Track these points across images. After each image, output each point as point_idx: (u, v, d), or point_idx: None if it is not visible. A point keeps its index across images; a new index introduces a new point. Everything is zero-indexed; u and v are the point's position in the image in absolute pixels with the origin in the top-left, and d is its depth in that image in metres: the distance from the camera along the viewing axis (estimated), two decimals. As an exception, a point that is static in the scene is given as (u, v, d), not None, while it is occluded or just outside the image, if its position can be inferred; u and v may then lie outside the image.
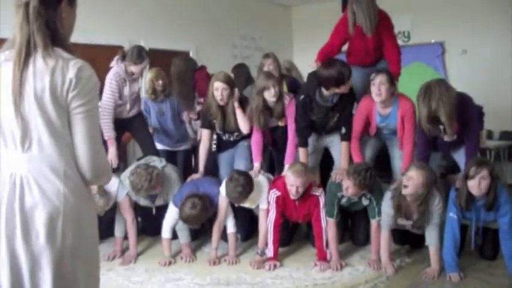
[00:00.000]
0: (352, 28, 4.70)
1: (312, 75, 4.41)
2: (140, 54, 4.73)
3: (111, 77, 4.71)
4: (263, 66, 5.16)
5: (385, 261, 3.98)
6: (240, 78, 5.54)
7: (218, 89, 4.41)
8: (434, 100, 3.71)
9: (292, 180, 4.01)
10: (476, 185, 3.59)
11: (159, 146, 5.32)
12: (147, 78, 5.28)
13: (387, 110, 4.24)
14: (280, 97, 4.41)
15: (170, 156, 5.26)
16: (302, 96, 4.39)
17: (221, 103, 4.48)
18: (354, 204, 4.24)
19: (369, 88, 4.26)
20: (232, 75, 5.42)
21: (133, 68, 4.74)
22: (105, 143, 4.64)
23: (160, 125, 5.35)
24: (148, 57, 4.79)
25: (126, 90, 4.78)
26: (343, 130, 4.41)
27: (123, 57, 4.75)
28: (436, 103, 3.71)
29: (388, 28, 4.77)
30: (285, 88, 4.97)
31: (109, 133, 4.69)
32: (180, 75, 5.52)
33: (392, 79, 4.18)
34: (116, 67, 4.74)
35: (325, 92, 4.26)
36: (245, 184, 4.11)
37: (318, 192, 4.22)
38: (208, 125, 4.70)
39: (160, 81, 5.18)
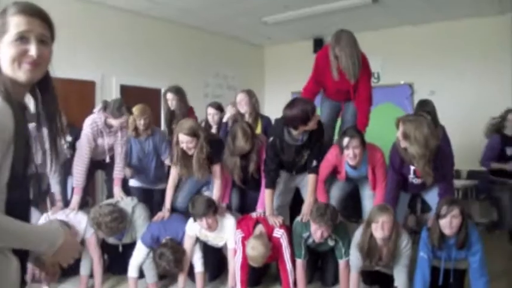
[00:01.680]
0: (336, 73, 4.66)
1: (281, 118, 4.40)
2: (120, 109, 4.65)
3: (88, 124, 4.66)
4: (235, 105, 5.19)
5: (354, 303, 3.95)
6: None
7: (183, 143, 4.27)
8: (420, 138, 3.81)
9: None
10: (448, 223, 3.61)
11: (135, 184, 5.21)
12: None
13: (359, 165, 4.27)
14: (253, 146, 4.38)
15: (147, 194, 5.16)
16: (271, 139, 4.39)
17: (189, 153, 4.36)
18: (320, 245, 4.22)
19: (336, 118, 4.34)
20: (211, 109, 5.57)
21: (112, 121, 4.68)
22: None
23: (140, 164, 5.12)
24: (128, 113, 4.73)
25: (101, 141, 4.73)
26: (314, 163, 4.40)
27: (105, 108, 4.68)
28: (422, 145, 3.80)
29: (365, 75, 4.77)
30: (259, 129, 4.98)
31: (79, 182, 4.63)
32: (181, 107, 5.53)
33: (363, 140, 4.21)
34: (96, 115, 4.69)
35: (293, 131, 4.26)
36: (209, 200, 4.17)
37: (279, 234, 4.20)
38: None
39: (142, 121, 4.90)
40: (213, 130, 5.58)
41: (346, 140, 4.10)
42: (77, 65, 6.98)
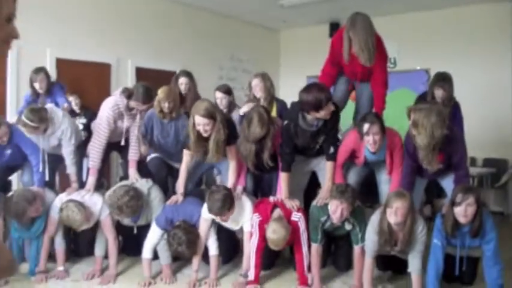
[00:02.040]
0: (347, 56, 4.63)
1: (297, 102, 4.38)
2: (149, 95, 4.66)
3: (109, 107, 4.64)
4: (251, 88, 5.16)
5: None
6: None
7: (200, 125, 4.19)
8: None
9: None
10: (463, 211, 3.59)
11: (156, 154, 5.16)
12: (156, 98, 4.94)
13: (378, 151, 4.25)
14: (269, 132, 4.32)
15: (166, 166, 5.14)
16: (286, 122, 4.37)
17: (205, 135, 4.27)
18: (337, 229, 4.22)
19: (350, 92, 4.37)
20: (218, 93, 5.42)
21: (139, 107, 4.69)
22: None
23: (159, 144, 5.06)
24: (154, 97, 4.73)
25: (120, 124, 4.73)
26: (331, 150, 4.38)
27: (129, 96, 4.66)
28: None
29: (381, 59, 4.72)
30: (274, 112, 4.95)
31: (95, 162, 4.64)
32: (193, 91, 5.54)
33: (383, 125, 4.17)
34: (118, 98, 4.68)
35: (308, 116, 4.24)
36: (225, 197, 4.06)
37: (297, 217, 4.19)
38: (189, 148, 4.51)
39: (166, 104, 4.74)
40: None
41: (366, 127, 4.07)
42: (93, 47, 7.00)
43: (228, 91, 5.39)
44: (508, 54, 7.67)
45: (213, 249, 4.34)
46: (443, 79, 5.07)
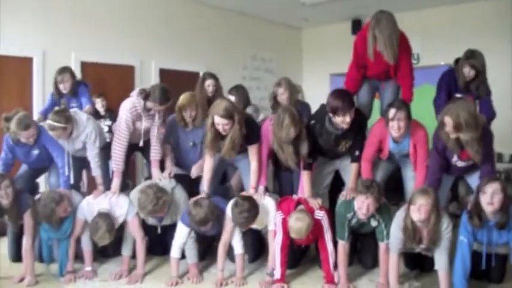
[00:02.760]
0: (372, 52, 4.61)
1: (324, 104, 4.38)
2: (166, 95, 4.64)
3: (127, 108, 4.65)
4: (276, 96, 5.16)
5: (394, 285, 3.92)
6: (239, 100, 5.43)
7: (219, 125, 4.24)
8: (464, 116, 3.72)
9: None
10: (489, 199, 3.55)
11: (176, 171, 5.07)
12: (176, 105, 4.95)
13: (402, 137, 4.24)
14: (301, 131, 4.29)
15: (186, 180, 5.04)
16: (312, 122, 4.42)
17: (224, 134, 4.33)
18: (362, 226, 4.20)
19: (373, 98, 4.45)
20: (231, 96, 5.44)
21: (156, 107, 4.69)
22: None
23: (180, 152, 5.09)
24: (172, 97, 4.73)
25: (139, 124, 4.75)
26: (357, 153, 4.43)
27: (146, 97, 4.66)
28: (465, 119, 3.72)
29: (405, 52, 4.72)
30: None
31: (118, 166, 4.68)
32: (220, 93, 5.53)
33: (410, 113, 4.17)
34: (135, 99, 4.68)
35: (334, 120, 4.26)
36: (250, 209, 4.09)
37: (320, 215, 4.19)
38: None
39: (188, 112, 4.83)
40: None
41: (392, 112, 4.07)
42: (117, 50, 7.09)
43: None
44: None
45: (238, 248, 4.35)
46: (472, 56, 4.92)
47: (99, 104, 6.38)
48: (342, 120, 4.18)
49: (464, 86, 4.94)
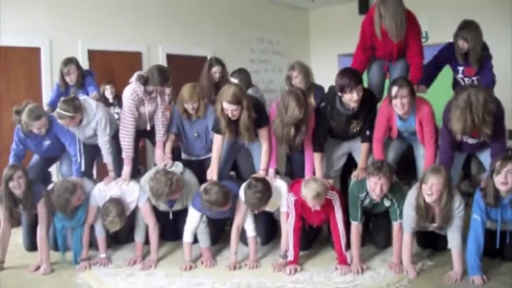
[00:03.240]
0: (379, 31, 4.60)
1: (334, 85, 4.38)
2: (165, 75, 4.66)
3: (129, 96, 4.67)
4: (290, 80, 5.12)
5: (407, 264, 3.94)
6: (241, 82, 5.35)
7: (228, 110, 4.25)
8: (477, 116, 3.64)
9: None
10: (503, 178, 3.54)
11: (183, 156, 5.14)
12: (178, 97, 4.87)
13: (407, 114, 4.21)
14: (305, 115, 4.29)
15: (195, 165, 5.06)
16: (323, 104, 4.41)
17: (233, 119, 4.34)
18: (375, 206, 4.21)
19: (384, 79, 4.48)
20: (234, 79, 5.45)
21: (159, 89, 4.72)
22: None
23: (187, 141, 5.05)
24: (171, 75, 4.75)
25: (143, 109, 4.76)
26: (367, 132, 4.42)
27: (145, 82, 4.67)
28: (480, 120, 3.65)
29: (414, 31, 4.68)
30: (312, 100, 4.92)
31: (128, 153, 4.70)
32: (227, 79, 5.49)
33: (413, 90, 4.14)
34: (135, 85, 4.68)
35: (343, 98, 4.26)
36: (264, 190, 4.09)
37: (331, 195, 4.18)
38: (220, 131, 4.50)
39: (190, 104, 4.74)
40: None
41: (394, 89, 4.05)
42: (123, 37, 7.07)
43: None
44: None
45: (251, 230, 4.37)
46: (465, 28, 4.78)
47: (108, 91, 6.38)
48: (350, 98, 4.18)
49: (462, 58, 4.88)
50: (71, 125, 4.53)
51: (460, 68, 4.92)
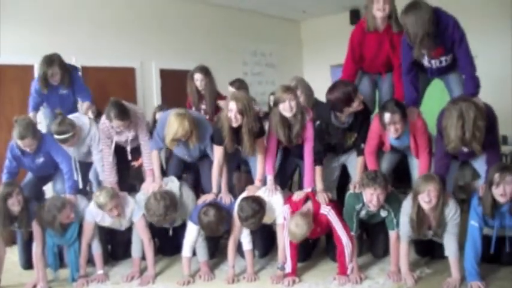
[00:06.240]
0: (372, 27, 4.53)
1: (326, 103, 4.35)
2: (123, 111, 4.52)
3: (100, 128, 4.71)
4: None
5: (405, 273, 3.94)
6: None
7: (232, 111, 4.21)
8: (468, 129, 3.58)
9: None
10: (502, 191, 3.55)
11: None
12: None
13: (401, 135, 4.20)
14: (297, 113, 4.32)
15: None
16: (318, 122, 4.40)
17: (235, 125, 4.30)
18: (372, 217, 4.21)
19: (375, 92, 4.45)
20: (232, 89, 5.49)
21: (122, 126, 4.59)
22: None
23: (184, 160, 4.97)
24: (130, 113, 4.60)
25: (118, 138, 4.74)
26: (362, 146, 4.41)
27: (98, 115, 4.68)
28: (470, 133, 3.59)
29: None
30: None
31: (110, 178, 4.72)
32: (211, 88, 5.53)
33: (405, 112, 4.07)
34: (103, 121, 4.66)
35: (339, 114, 4.25)
36: (255, 213, 4.08)
37: (326, 211, 4.18)
38: (221, 141, 4.44)
39: (183, 139, 4.44)
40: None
41: (387, 116, 4.00)
42: (116, 53, 7.09)
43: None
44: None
45: (246, 243, 4.37)
46: (404, 12, 4.07)
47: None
48: (357, 104, 4.16)
49: (418, 44, 4.15)
50: (74, 143, 4.53)
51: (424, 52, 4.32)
